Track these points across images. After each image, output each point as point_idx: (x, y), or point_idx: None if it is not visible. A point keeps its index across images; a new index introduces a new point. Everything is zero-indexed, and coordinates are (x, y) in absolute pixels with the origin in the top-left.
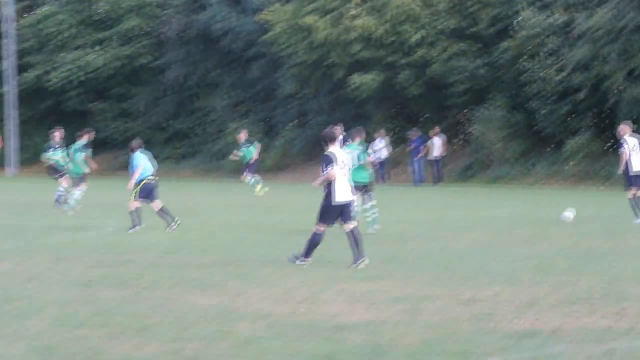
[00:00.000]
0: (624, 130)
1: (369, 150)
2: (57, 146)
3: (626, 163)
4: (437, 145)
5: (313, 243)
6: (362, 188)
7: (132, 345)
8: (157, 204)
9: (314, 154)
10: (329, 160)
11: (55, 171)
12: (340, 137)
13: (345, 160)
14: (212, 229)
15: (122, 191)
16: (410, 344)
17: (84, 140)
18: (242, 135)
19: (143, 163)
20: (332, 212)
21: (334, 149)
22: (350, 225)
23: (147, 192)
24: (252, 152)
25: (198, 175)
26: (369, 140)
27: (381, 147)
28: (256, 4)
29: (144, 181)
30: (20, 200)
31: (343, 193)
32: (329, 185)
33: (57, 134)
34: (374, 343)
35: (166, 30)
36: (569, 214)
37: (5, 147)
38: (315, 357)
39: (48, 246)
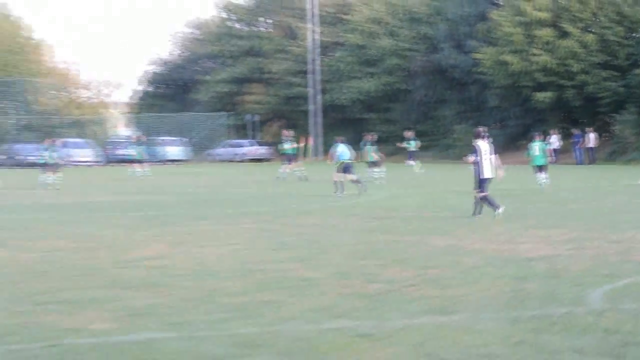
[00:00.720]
0: None
1: (546, 142)
2: (287, 140)
3: None
4: (591, 138)
5: (489, 201)
6: (542, 167)
7: (395, 271)
8: (351, 177)
9: (510, 147)
10: (474, 150)
11: (287, 158)
12: (485, 134)
13: (487, 149)
14: (445, 194)
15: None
16: (576, 269)
17: (369, 138)
18: (410, 133)
19: (341, 150)
20: (484, 183)
21: (479, 142)
22: (483, 193)
23: (344, 169)
24: (413, 144)
25: (435, 160)
26: (545, 136)
27: (554, 141)
28: (472, 47)
29: (343, 162)
30: (323, 178)
31: (488, 171)
32: (478, 166)
33: (285, 132)
34: (552, 269)
35: (414, 65)
36: None
37: (313, 143)
38: (514, 278)
39: (340, 207)
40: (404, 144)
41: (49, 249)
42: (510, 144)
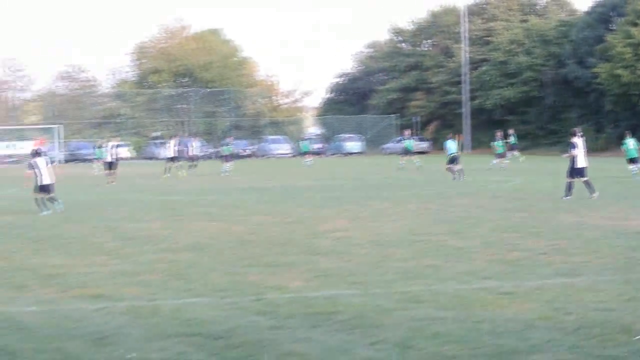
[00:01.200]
0: None
1: None
2: (407, 138)
3: None
4: None
5: (569, 188)
6: (634, 159)
7: (531, 241)
8: (454, 167)
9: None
10: (572, 145)
11: (405, 152)
12: (580, 133)
13: (581, 145)
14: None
15: (533, 162)
16: None
17: (499, 135)
18: (511, 131)
19: (450, 146)
20: (575, 172)
21: (575, 139)
22: (584, 178)
23: (452, 160)
24: (514, 140)
25: (559, 153)
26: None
27: None
28: (591, 63)
29: (451, 155)
30: (471, 168)
31: (581, 162)
32: (573, 158)
33: (406, 132)
34: None
35: (545, 77)
36: None
37: (465, 140)
38: (626, 248)
39: (485, 190)
40: (509, 139)
41: (254, 223)
42: (622, 140)
